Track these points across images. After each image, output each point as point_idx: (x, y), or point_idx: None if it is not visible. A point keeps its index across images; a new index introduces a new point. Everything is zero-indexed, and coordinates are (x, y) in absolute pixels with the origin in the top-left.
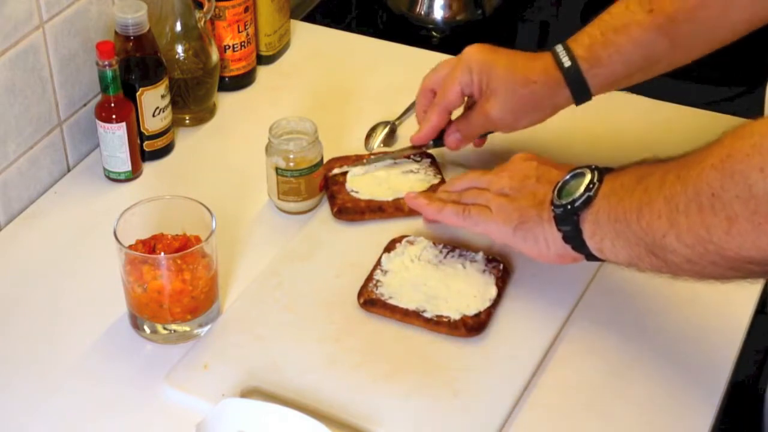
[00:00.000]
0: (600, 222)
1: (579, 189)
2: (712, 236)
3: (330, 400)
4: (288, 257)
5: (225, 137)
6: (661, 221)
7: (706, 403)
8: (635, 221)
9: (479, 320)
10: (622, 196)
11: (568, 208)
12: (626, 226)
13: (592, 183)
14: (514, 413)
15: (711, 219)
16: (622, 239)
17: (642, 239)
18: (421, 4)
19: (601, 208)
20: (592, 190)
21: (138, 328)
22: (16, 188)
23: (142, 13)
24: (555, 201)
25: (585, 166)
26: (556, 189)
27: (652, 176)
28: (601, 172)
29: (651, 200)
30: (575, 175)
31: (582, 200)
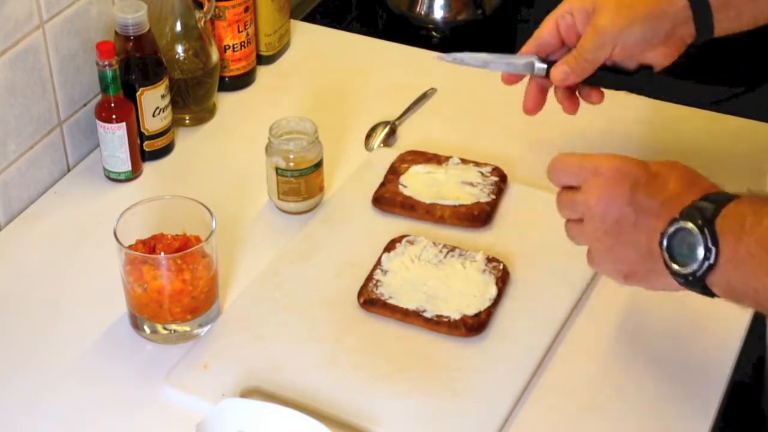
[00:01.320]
0: (735, 289)
1: (695, 255)
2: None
3: (330, 400)
4: (288, 257)
5: (225, 137)
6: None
7: (706, 404)
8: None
9: (479, 320)
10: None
11: (690, 279)
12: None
13: (708, 249)
14: (514, 413)
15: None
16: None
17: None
18: (421, 4)
19: (732, 276)
20: (710, 258)
21: (138, 328)
22: (16, 188)
23: (142, 13)
24: (671, 267)
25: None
26: (664, 248)
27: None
28: (710, 223)
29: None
30: (678, 230)
31: (704, 269)
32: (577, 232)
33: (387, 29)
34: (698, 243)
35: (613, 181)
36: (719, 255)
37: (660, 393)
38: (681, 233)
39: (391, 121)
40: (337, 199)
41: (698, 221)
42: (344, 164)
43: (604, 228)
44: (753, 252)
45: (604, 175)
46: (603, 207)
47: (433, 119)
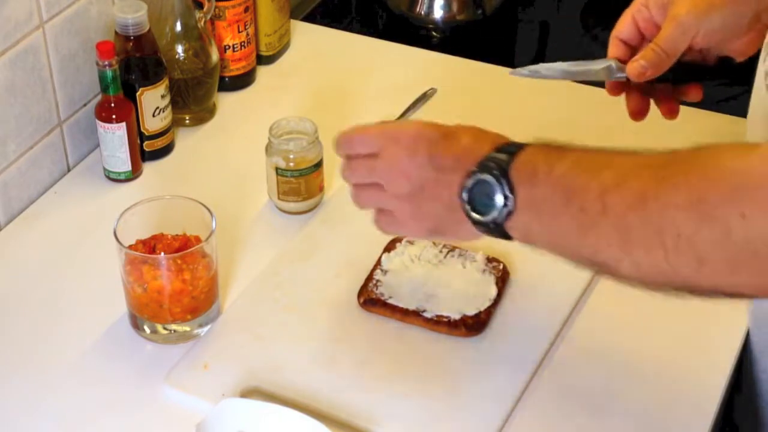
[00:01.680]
0: (532, 232)
1: (494, 203)
2: (679, 273)
3: (330, 400)
4: (288, 257)
5: (225, 137)
6: (612, 249)
7: (706, 404)
8: (577, 241)
9: (479, 320)
10: (552, 211)
11: (491, 226)
12: (565, 241)
13: (506, 197)
14: (514, 413)
15: (677, 258)
16: (560, 249)
17: (585, 257)
18: (421, 4)
19: (530, 220)
20: (509, 205)
21: (138, 328)
22: (16, 188)
23: (142, 13)
24: (473, 216)
25: (483, 166)
26: (465, 200)
27: (585, 194)
28: (505, 172)
29: (595, 225)
30: (477, 183)
31: (503, 216)
32: (372, 197)
33: (387, 29)
34: (496, 192)
35: (413, 144)
36: (516, 202)
37: (660, 393)
38: (480, 184)
39: (391, 122)
40: (337, 199)
41: (494, 172)
42: None
43: (408, 189)
44: (548, 195)
45: (403, 140)
46: (407, 170)
47: (433, 119)
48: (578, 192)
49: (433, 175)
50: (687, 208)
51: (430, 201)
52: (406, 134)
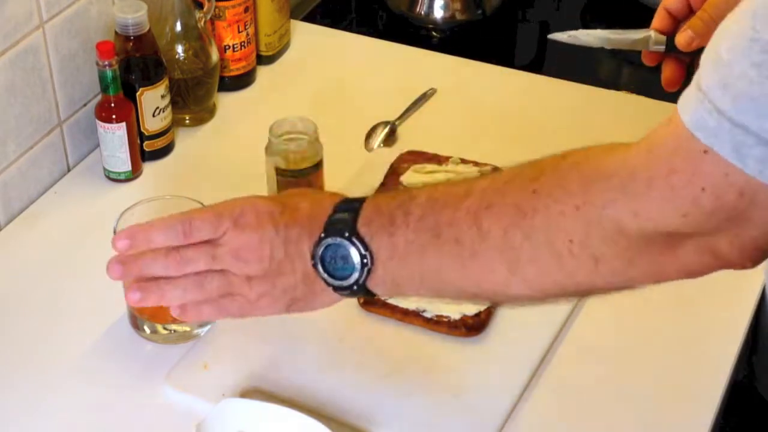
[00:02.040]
0: (400, 283)
1: (351, 266)
2: (575, 278)
3: (330, 400)
4: None
5: (225, 137)
6: (496, 274)
7: (706, 403)
8: (456, 276)
9: (479, 320)
10: (420, 253)
11: (354, 288)
12: (441, 282)
13: (362, 256)
14: (514, 413)
15: (571, 263)
16: (436, 292)
17: (468, 290)
18: (421, 4)
19: (396, 271)
20: (368, 263)
21: (138, 328)
22: (16, 188)
23: (142, 13)
24: (330, 282)
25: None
26: (319, 267)
27: (455, 226)
28: (354, 231)
29: (475, 253)
30: (328, 247)
31: (364, 275)
32: (219, 285)
33: (387, 29)
34: (350, 253)
35: (255, 221)
36: (374, 258)
37: (660, 393)
38: (331, 248)
39: (391, 121)
40: None
41: (344, 233)
42: (344, 164)
43: (261, 268)
44: (411, 239)
45: (243, 219)
46: (256, 249)
47: (433, 119)
48: (446, 226)
49: (282, 248)
50: (572, 214)
51: (285, 276)
52: (246, 214)
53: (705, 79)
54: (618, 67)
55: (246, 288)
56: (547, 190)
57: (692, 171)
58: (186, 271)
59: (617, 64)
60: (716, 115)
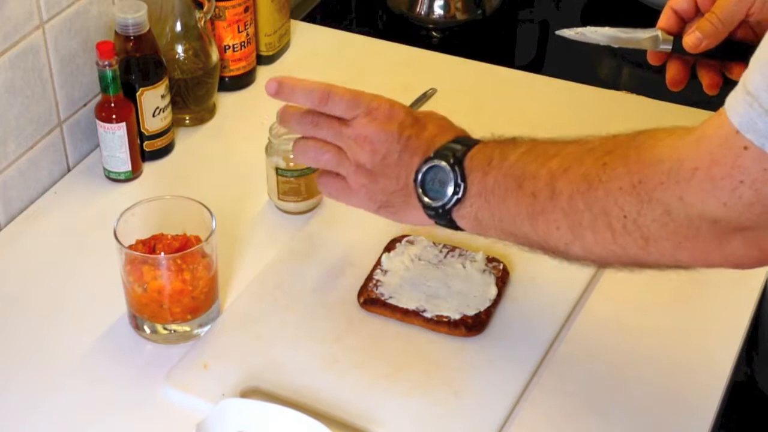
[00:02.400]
0: (482, 220)
1: (445, 190)
2: (627, 251)
3: (330, 400)
4: (288, 257)
5: (225, 137)
6: (561, 232)
7: (706, 403)
8: (528, 226)
9: (479, 320)
10: (503, 197)
11: (440, 211)
12: (515, 227)
13: (457, 185)
14: (514, 413)
15: (624, 238)
16: (511, 236)
17: (536, 241)
18: (421, 4)
19: (481, 207)
20: (459, 192)
21: (138, 328)
22: (16, 188)
23: (142, 13)
24: (423, 199)
25: (440, 154)
26: (418, 183)
27: (535, 180)
28: (460, 161)
29: (545, 210)
30: (432, 168)
31: (452, 203)
32: (332, 158)
33: (387, 29)
34: (449, 179)
35: (386, 120)
36: (467, 190)
37: (660, 393)
38: (434, 170)
39: None
40: None
41: (450, 160)
42: None
43: (371, 161)
44: (500, 182)
45: (377, 113)
46: (375, 142)
47: None
48: (529, 178)
49: (397, 155)
50: (629, 191)
51: (388, 178)
52: (381, 108)
53: (753, 83)
54: (618, 67)
55: (352, 173)
56: (612, 165)
57: (732, 164)
58: (314, 134)
59: (617, 64)
60: (765, 117)
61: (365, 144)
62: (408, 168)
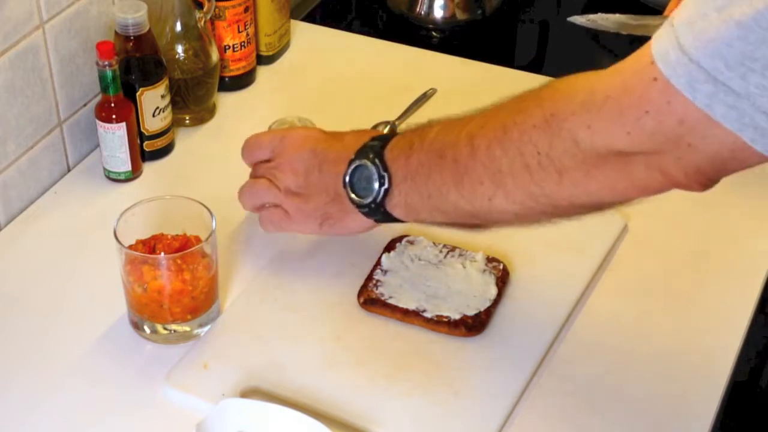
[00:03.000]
0: (412, 203)
1: (372, 186)
2: (544, 189)
3: (330, 400)
4: (288, 257)
5: (225, 137)
6: (484, 187)
7: (706, 403)
8: (454, 193)
9: (479, 320)
10: (428, 173)
11: (372, 206)
12: (443, 200)
13: (381, 177)
14: (514, 413)
15: (540, 174)
16: (441, 213)
17: (464, 208)
18: (421, 4)
19: (409, 191)
20: (385, 183)
21: (138, 328)
22: (16, 188)
23: (142, 13)
24: (354, 200)
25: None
26: (347, 186)
27: (455, 146)
28: (379, 155)
29: (467, 169)
30: (356, 168)
31: (381, 196)
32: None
33: (387, 29)
34: (372, 174)
35: (300, 142)
36: (392, 178)
37: (660, 393)
38: (358, 170)
39: (391, 121)
40: None
41: (370, 155)
42: None
43: (296, 182)
44: (422, 160)
45: (290, 140)
46: (294, 164)
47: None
48: (449, 147)
49: (317, 169)
50: (541, 126)
51: (317, 194)
52: (293, 135)
53: (677, 17)
54: None
55: (284, 199)
56: (526, 108)
57: (640, 94)
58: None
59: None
60: (678, 49)
61: (286, 168)
62: (334, 177)
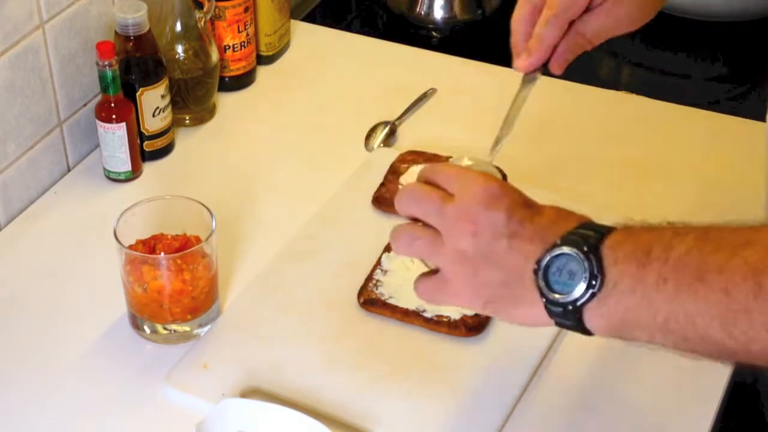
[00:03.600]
0: (629, 320)
1: (574, 283)
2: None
3: (330, 400)
4: (288, 257)
5: (225, 137)
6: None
7: (706, 404)
8: (717, 328)
9: (479, 320)
10: (672, 294)
11: (569, 308)
12: (690, 328)
13: (593, 277)
14: (514, 413)
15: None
16: (673, 336)
17: (720, 344)
18: (421, 4)
19: (634, 307)
20: (595, 287)
21: (138, 328)
22: (16, 188)
23: (142, 13)
24: (545, 293)
25: (567, 240)
26: (539, 273)
27: (722, 274)
28: (595, 250)
29: (749, 310)
30: (558, 257)
31: (586, 299)
32: (425, 245)
33: (387, 29)
34: (580, 270)
35: (495, 199)
36: (604, 284)
37: (660, 393)
38: (561, 259)
39: (391, 121)
40: (337, 199)
41: (582, 247)
42: (344, 164)
43: (474, 247)
44: (667, 276)
45: (484, 191)
46: (478, 221)
47: (433, 119)
48: (715, 272)
49: (506, 239)
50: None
51: (493, 269)
52: (489, 186)
53: None
54: (618, 67)
55: (449, 262)
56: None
57: None
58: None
59: (617, 64)
60: None
61: (467, 224)
62: (521, 257)
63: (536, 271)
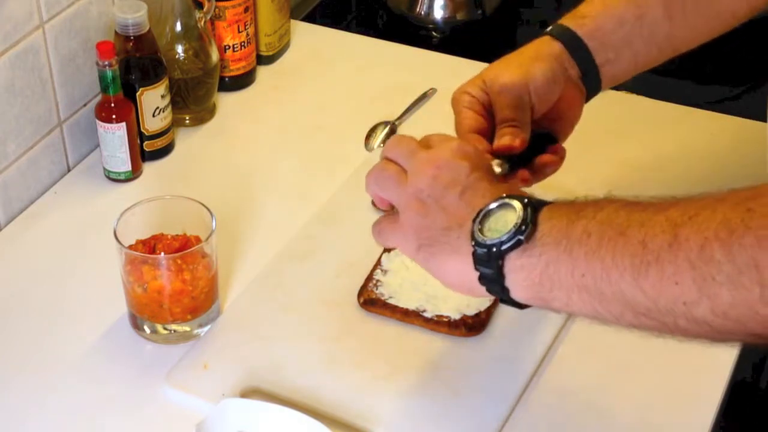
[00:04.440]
0: (549, 275)
1: (506, 227)
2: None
3: (330, 400)
4: (288, 257)
5: (225, 137)
6: (681, 288)
7: (706, 403)
8: (628, 282)
9: (479, 320)
10: (594, 247)
11: (492, 251)
12: (606, 282)
13: (524, 224)
14: (514, 413)
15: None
16: (589, 293)
17: (632, 299)
18: (421, 4)
19: (554, 260)
20: (523, 233)
21: (138, 328)
22: (16, 188)
23: (142, 13)
24: (476, 235)
25: (516, 196)
26: (479, 218)
27: (643, 227)
28: (534, 208)
29: (661, 260)
30: (502, 205)
31: (509, 245)
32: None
33: (387, 29)
34: (515, 220)
35: (463, 151)
36: (534, 236)
37: (660, 393)
38: (501, 210)
39: (391, 121)
40: (337, 199)
41: (524, 200)
42: (344, 164)
43: (430, 188)
44: (592, 230)
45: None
46: (442, 167)
47: (433, 119)
48: (636, 225)
49: (460, 188)
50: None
51: (440, 213)
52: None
53: None
54: None
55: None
56: (762, 211)
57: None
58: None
59: None
60: None
61: (431, 168)
62: (469, 208)
63: (475, 219)
